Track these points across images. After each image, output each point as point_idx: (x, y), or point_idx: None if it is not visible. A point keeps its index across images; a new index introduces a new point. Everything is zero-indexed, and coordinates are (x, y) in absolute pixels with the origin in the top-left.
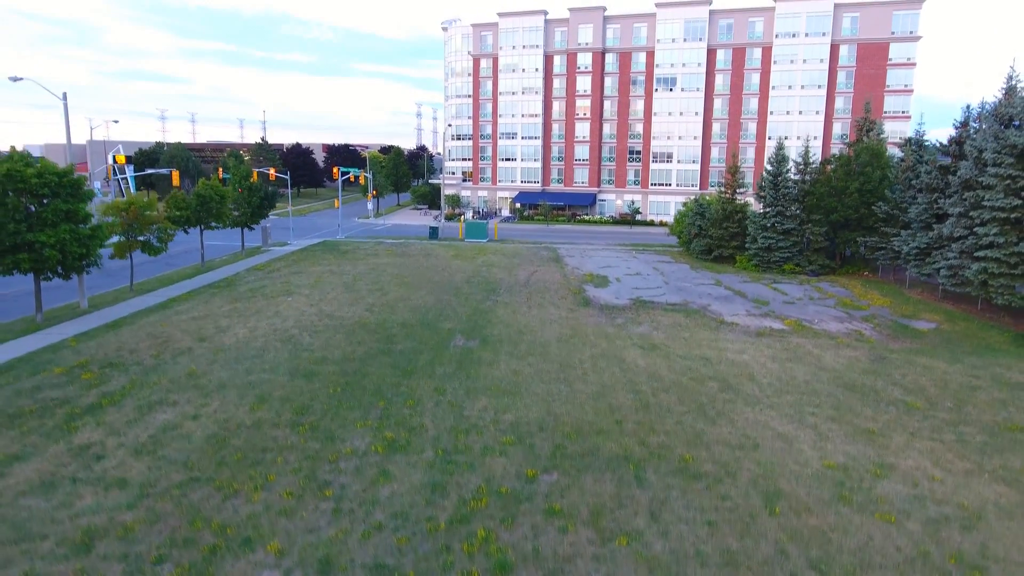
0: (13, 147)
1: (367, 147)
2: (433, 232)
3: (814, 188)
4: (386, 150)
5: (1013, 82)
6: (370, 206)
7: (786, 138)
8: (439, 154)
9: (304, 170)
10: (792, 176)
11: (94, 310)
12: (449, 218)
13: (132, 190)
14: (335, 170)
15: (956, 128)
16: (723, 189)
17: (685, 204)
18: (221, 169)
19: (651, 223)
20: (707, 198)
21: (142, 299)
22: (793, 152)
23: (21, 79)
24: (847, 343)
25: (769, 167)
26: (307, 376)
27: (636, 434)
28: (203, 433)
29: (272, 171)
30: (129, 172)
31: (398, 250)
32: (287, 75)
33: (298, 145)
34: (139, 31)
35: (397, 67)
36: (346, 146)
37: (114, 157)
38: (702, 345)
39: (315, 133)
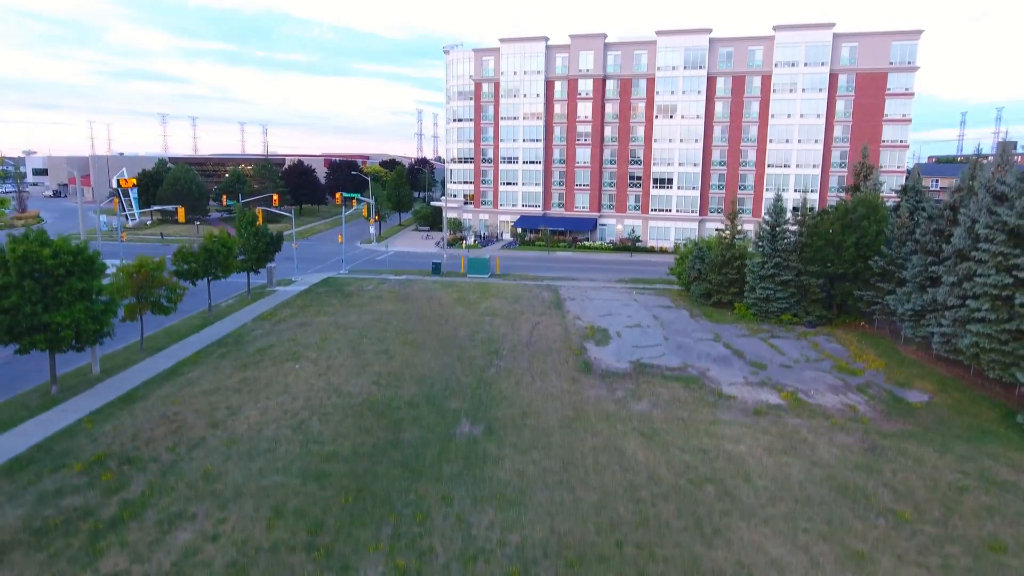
0: (29, 227)
1: (368, 158)
2: (436, 267)
3: (811, 240)
4: (387, 164)
5: (1006, 156)
6: (372, 230)
7: (786, 166)
8: (440, 159)
9: (306, 189)
10: (790, 227)
11: (106, 376)
12: (451, 243)
13: (136, 213)
14: (338, 196)
15: (951, 194)
16: (722, 233)
17: (685, 244)
18: (225, 196)
19: (651, 250)
20: (707, 240)
21: (152, 361)
22: (792, 181)
23: None
24: (841, 424)
25: (767, 218)
26: (318, 479)
27: (636, 562)
28: (223, 560)
29: (275, 198)
30: (133, 195)
31: (401, 291)
32: (287, 75)
33: (299, 163)
34: (139, 31)
35: (397, 67)
36: (347, 162)
37: (118, 182)
38: (700, 432)
39: (315, 134)
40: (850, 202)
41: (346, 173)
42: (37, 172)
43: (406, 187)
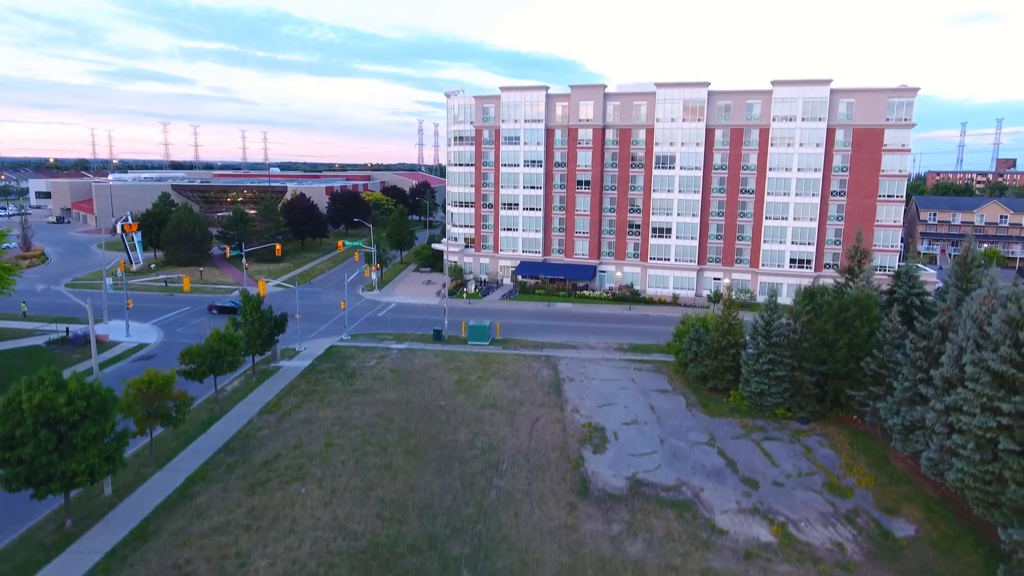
0: (44, 370)
1: (368, 178)
2: (437, 335)
3: (805, 337)
4: (389, 191)
5: (992, 287)
6: (373, 276)
7: (783, 218)
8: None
9: (308, 225)
10: (784, 322)
11: (118, 500)
12: (452, 292)
13: (140, 256)
14: (339, 244)
15: (940, 318)
16: (721, 316)
17: (683, 321)
18: (228, 249)
19: (649, 300)
20: (705, 318)
21: (162, 477)
22: (790, 233)
23: None
24: (828, 572)
25: (762, 316)
26: None
27: None
28: None
29: (278, 248)
30: (136, 239)
31: (404, 368)
32: (288, 76)
33: (301, 196)
34: (140, 31)
35: (398, 67)
36: (349, 192)
37: (122, 227)
38: None
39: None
40: (844, 299)
41: (348, 204)
42: (40, 195)
43: (406, 226)
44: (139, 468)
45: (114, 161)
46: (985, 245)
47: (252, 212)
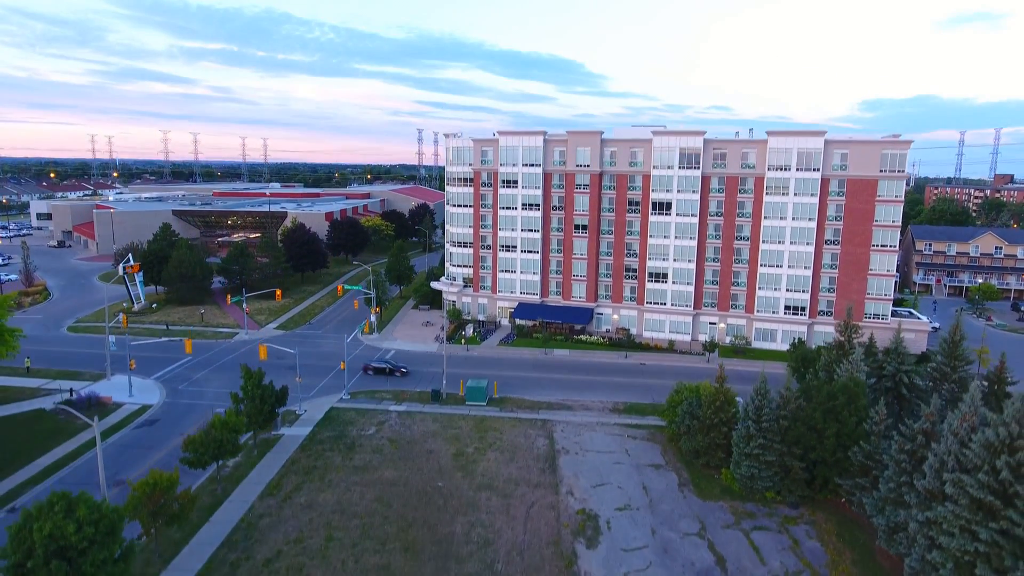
0: (53, 494)
1: (368, 197)
2: (435, 395)
3: (794, 425)
4: (389, 215)
5: (974, 404)
6: (372, 318)
7: (778, 266)
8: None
9: (308, 258)
10: (775, 407)
11: None
12: (450, 337)
13: (141, 296)
14: (339, 288)
15: (924, 423)
16: (714, 390)
17: (677, 388)
18: (229, 296)
19: (646, 347)
20: (699, 387)
21: None
22: (784, 280)
23: None
24: None
25: (753, 401)
26: None
27: None
28: None
29: (279, 293)
30: (138, 279)
31: (402, 439)
32: (288, 76)
33: (301, 227)
34: (141, 31)
35: (398, 67)
36: (348, 220)
37: (124, 268)
38: None
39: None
40: (834, 386)
41: (347, 232)
42: (41, 216)
43: (405, 261)
44: (144, 567)
45: (115, 173)
46: (980, 279)
47: (254, 236)
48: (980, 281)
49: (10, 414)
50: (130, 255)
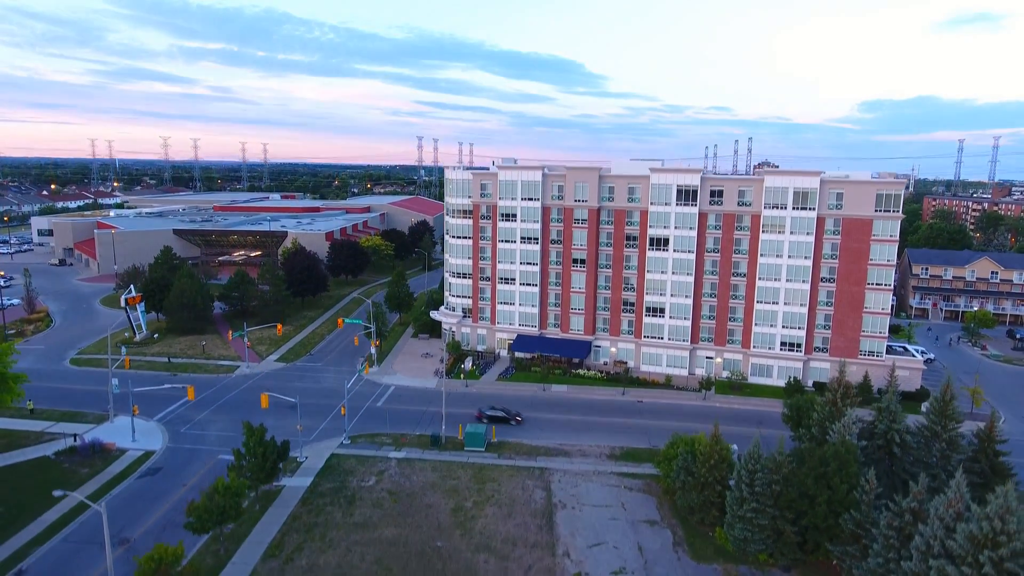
0: None
1: (368, 211)
2: (435, 440)
3: (786, 490)
4: (388, 234)
5: (959, 490)
6: (372, 351)
7: (774, 303)
8: (439, 165)
9: (309, 283)
10: (767, 471)
11: None
12: (449, 371)
13: (143, 326)
14: (339, 321)
15: (912, 501)
16: (708, 446)
17: (673, 441)
18: (231, 332)
19: (643, 382)
20: (695, 439)
21: None
22: (780, 317)
23: None
24: None
25: (747, 466)
26: None
27: None
28: None
29: (279, 328)
30: (140, 309)
31: (402, 491)
32: (288, 76)
33: (302, 250)
34: (141, 31)
35: (398, 67)
36: (348, 242)
37: (126, 300)
38: None
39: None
40: (825, 451)
41: (348, 254)
42: (43, 233)
43: (405, 288)
44: None
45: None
46: (976, 303)
47: (255, 255)
48: (976, 307)
49: (14, 462)
50: (132, 287)
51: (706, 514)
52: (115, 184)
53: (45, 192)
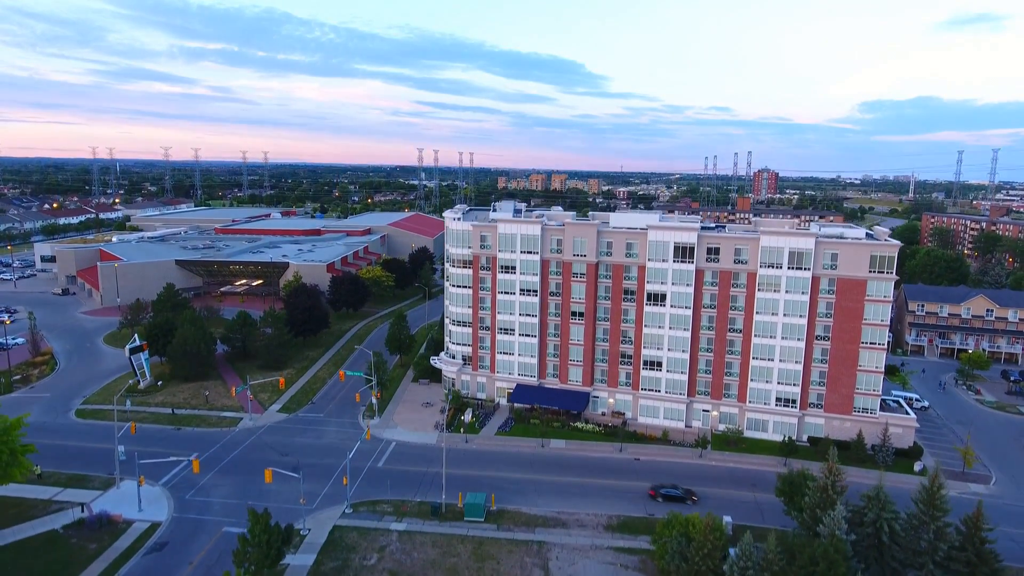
0: None
1: (369, 232)
2: (435, 510)
3: None
4: (388, 264)
5: None
6: (374, 400)
7: (769, 359)
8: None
9: (311, 323)
10: (759, 567)
11: None
12: (450, 423)
13: (148, 374)
14: (341, 374)
15: None
16: (702, 532)
17: (668, 520)
18: (234, 389)
19: (640, 437)
20: (689, 521)
21: None
22: (776, 374)
23: None
24: None
25: (738, 566)
26: None
27: None
28: None
29: (282, 381)
30: (144, 357)
31: (403, 573)
32: (288, 76)
33: (303, 287)
34: (141, 31)
35: (398, 67)
36: (349, 276)
37: (130, 350)
38: None
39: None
40: (815, 549)
41: (348, 287)
42: (45, 260)
43: (405, 331)
44: None
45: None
46: (971, 339)
47: (256, 284)
48: (972, 343)
49: (24, 537)
50: (136, 336)
51: None
52: (115, 201)
53: (47, 207)
